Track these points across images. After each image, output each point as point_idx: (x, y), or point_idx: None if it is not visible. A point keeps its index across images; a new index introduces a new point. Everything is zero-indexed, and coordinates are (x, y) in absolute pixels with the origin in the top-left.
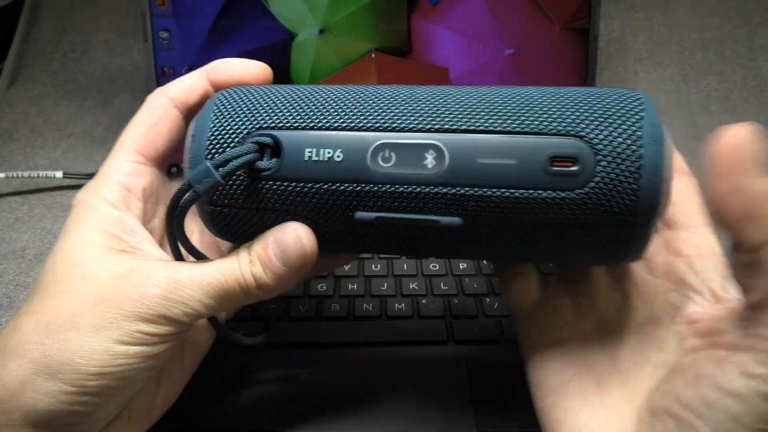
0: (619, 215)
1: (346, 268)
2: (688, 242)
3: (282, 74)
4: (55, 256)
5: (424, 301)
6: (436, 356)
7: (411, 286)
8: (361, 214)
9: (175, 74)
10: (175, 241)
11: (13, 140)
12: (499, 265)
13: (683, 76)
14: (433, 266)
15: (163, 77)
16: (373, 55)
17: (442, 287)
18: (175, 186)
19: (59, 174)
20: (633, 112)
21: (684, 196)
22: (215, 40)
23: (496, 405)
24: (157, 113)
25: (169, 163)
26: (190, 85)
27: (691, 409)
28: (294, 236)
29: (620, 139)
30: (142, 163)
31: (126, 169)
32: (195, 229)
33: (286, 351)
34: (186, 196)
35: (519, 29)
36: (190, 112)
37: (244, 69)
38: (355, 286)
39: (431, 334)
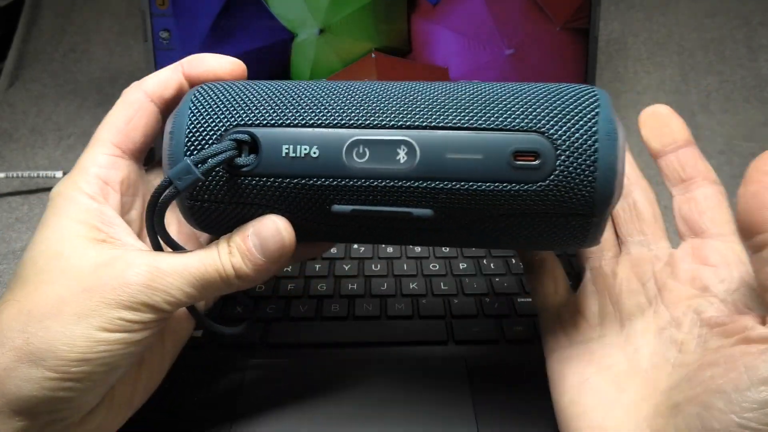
0: (577, 206)
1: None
2: (714, 251)
3: (282, 74)
4: (35, 248)
5: (424, 301)
6: (436, 356)
7: (411, 286)
8: (337, 207)
9: None
10: (156, 235)
11: (13, 140)
12: (528, 264)
13: (683, 76)
14: (433, 266)
15: None
16: (373, 55)
17: (442, 287)
18: (153, 178)
19: (59, 174)
20: (589, 109)
21: (712, 204)
22: (215, 40)
23: (496, 405)
24: (133, 107)
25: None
26: (165, 79)
27: (721, 396)
28: (273, 228)
29: (577, 135)
30: (119, 156)
31: (103, 162)
32: (173, 221)
33: (286, 351)
34: (166, 192)
35: (519, 29)
36: (166, 106)
37: (219, 63)
38: (355, 286)
39: (431, 334)
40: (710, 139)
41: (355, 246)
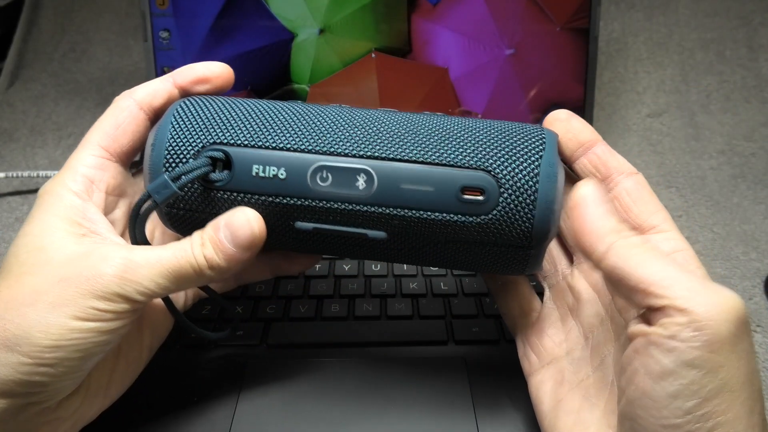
0: (516, 239)
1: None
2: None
3: (282, 74)
4: (19, 242)
5: (424, 301)
6: (436, 356)
7: (411, 286)
8: (300, 224)
9: None
10: (137, 243)
11: (13, 140)
12: (492, 288)
13: (683, 76)
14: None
15: None
16: (373, 55)
17: (442, 287)
18: (139, 182)
19: None
20: (534, 152)
21: (636, 197)
22: (215, 40)
23: (496, 405)
24: (123, 114)
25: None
26: (155, 88)
27: (638, 404)
28: (243, 219)
29: (520, 176)
30: (106, 158)
31: (91, 163)
32: (158, 223)
33: (286, 351)
34: (146, 204)
35: (519, 29)
36: (155, 114)
37: (207, 69)
38: (355, 286)
39: (431, 334)
40: (710, 139)
41: None
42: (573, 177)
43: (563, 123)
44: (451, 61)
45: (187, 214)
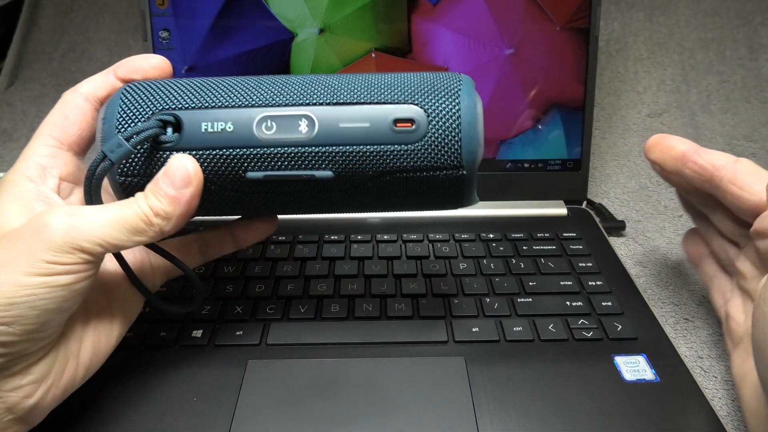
0: (448, 160)
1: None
2: None
3: (282, 74)
4: None
5: (424, 301)
6: (436, 356)
7: (411, 286)
8: (251, 174)
9: (175, 74)
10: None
11: (12, 140)
12: (704, 279)
13: (683, 76)
14: (433, 266)
15: None
16: (373, 55)
17: (442, 287)
18: None
19: None
20: (454, 87)
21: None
22: (215, 39)
23: (496, 405)
24: (69, 106)
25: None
26: (97, 81)
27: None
28: (178, 161)
29: (444, 104)
30: (57, 147)
31: (43, 152)
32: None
33: (286, 351)
34: (101, 165)
35: (519, 29)
36: (101, 104)
37: (145, 61)
38: (355, 286)
39: (431, 334)
40: (710, 139)
41: (355, 246)
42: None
43: (657, 145)
44: (451, 61)
45: (141, 181)
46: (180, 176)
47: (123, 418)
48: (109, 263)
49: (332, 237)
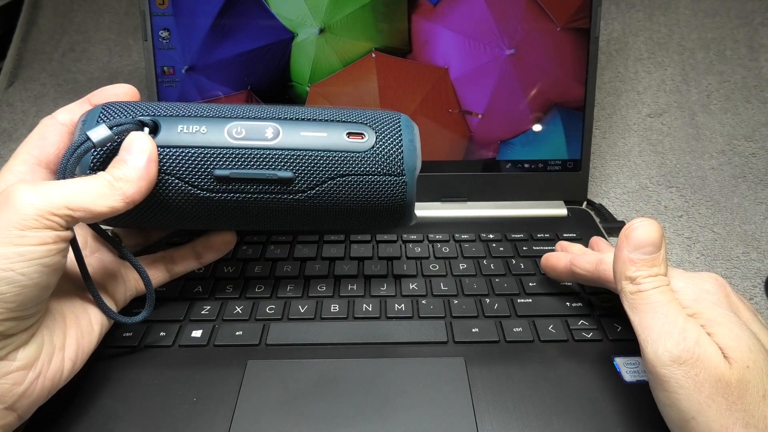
0: (392, 166)
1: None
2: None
3: (282, 74)
4: None
5: (424, 301)
6: (436, 356)
7: (411, 287)
8: (218, 171)
9: (175, 73)
10: None
11: (12, 140)
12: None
13: (684, 76)
14: (433, 266)
15: (162, 77)
16: (373, 55)
17: (442, 287)
18: None
19: None
20: (395, 117)
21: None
22: (215, 39)
23: (496, 405)
24: (47, 128)
25: None
26: (73, 107)
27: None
28: (132, 136)
29: (389, 126)
30: (35, 164)
31: (21, 169)
32: (89, 234)
33: (286, 351)
34: (81, 147)
35: (519, 29)
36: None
37: (117, 89)
38: (355, 287)
39: (431, 334)
40: (710, 138)
41: (355, 246)
42: None
43: (546, 268)
44: (452, 61)
45: None
46: (135, 144)
47: (123, 418)
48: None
49: (332, 237)
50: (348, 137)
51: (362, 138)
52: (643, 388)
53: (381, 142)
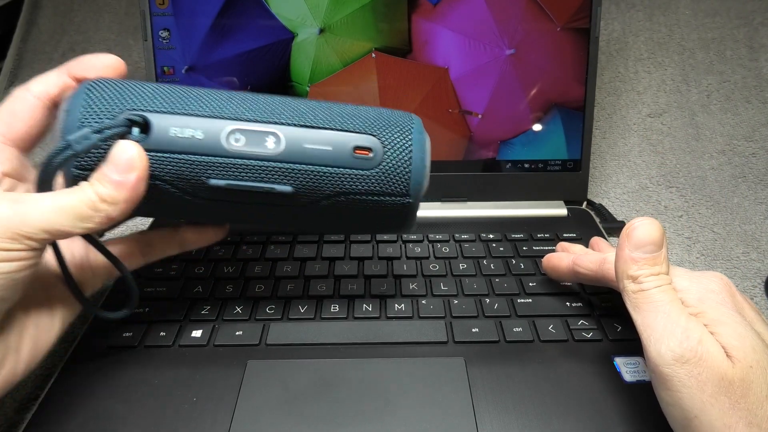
0: (398, 187)
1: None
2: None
3: (282, 74)
4: None
5: (424, 301)
6: (436, 356)
7: (411, 287)
8: (214, 181)
9: (175, 73)
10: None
11: None
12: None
13: (684, 76)
14: (433, 266)
15: (162, 77)
16: (373, 55)
17: (442, 287)
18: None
19: None
20: (407, 124)
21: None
22: (215, 39)
23: (496, 405)
24: (16, 102)
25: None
26: (48, 78)
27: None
28: (121, 148)
29: (399, 139)
30: (2, 142)
31: None
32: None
33: (286, 351)
34: (61, 155)
35: (519, 29)
36: (52, 102)
37: (99, 61)
38: (355, 287)
39: (431, 334)
40: (710, 138)
41: (355, 246)
42: None
43: (547, 268)
44: (452, 61)
45: None
46: (124, 161)
47: (123, 418)
48: (51, 259)
49: (332, 237)
50: (354, 152)
51: (369, 153)
52: (643, 388)
53: (388, 160)
